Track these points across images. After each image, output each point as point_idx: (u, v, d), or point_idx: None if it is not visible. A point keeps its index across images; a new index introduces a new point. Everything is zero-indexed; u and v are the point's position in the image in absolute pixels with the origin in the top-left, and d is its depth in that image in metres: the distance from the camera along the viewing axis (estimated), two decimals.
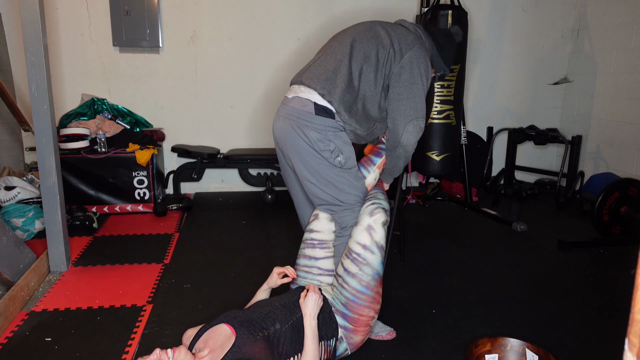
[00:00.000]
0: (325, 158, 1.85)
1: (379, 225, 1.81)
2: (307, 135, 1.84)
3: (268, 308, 1.75)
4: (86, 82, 4.10)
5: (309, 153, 1.86)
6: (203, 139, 4.39)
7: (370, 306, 1.81)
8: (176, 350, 1.48)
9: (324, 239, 1.98)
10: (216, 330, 1.63)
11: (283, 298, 1.85)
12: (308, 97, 1.85)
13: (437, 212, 3.95)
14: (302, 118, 1.84)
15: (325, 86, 1.83)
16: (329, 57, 1.90)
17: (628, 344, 0.59)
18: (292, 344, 1.66)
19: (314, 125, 1.83)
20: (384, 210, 1.86)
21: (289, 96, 1.93)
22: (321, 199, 1.93)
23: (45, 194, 2.60)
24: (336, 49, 1.91)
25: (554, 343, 2.06)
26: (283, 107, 1.94)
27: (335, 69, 1.85)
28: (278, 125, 1.94)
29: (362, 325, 1.83)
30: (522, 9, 4.61)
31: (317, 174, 1.88)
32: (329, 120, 1.84)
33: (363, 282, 1.78)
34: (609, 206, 3.18)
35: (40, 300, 2.37)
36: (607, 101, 4.33)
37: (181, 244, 3.15)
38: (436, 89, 3.35)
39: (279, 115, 1.95)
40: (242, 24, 4.21)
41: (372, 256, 1.78)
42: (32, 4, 2.39)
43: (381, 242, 1.81)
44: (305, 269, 2.00)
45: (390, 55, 1.87)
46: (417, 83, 1.86)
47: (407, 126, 1.84)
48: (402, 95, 1.86)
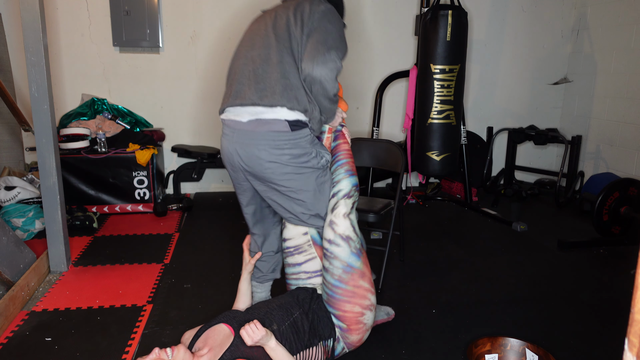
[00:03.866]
0: (312, 167, 1.81)
1: (340, 218, 1.81)
2: (290, 154, 1.75)
3: (265, 309, 1.76)
4: (86, 82, 4.10)
5: (295, 170, 1.78)
6: (203, 139, 4.39)
7: (351, 301, 1.78)
8: (175, 349, 1.48)
9: (298, 243, 1.98)
10: (215, 330, 1.64)
11: (281, 299, 1.86)
12: (275, 117, 1.73)
13: (437, 212, 3.95)
14: (278, 139, 1.73)
15: (288, 96, 1.72)
16: (263, 66, 1.78)
17: (628, 344, 0.59)
18: (289, 343, 1.66)
19: (294, 142, 1.75)
20: (345, 198, 1.84)
21: (243, 120, 1.76)
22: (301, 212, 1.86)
23: (46, 194, 2.60)
24: (258, 55, 1.80)
25: (554, 343, 2.06)
26: (239, 132, 1.77)
27: (280, 75, 1.74)
28: (241, 152, 1.78)
29: (353, 322, 1.81)
30: (522, 9, 4.61)
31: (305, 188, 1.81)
32: (304, 131, 1.77)
33: (335, 275, 1.79)
34: (609, 206, 3.18)
35: (40, 300, 2.37)
36: (607, 101, 4.33)
37: (181, 244, 3.15)
38: (436, 89, 3.36)
39: (235, 142, 1.79)
40: (242, 24, 4.19)
41: (337, 249, 1.78)
42: (32, 4, 2.39)
43: (345, 232, 1.80)
44: (294, 276, 2.01)
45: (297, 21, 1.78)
46: (329, 22, 1.77)
47: (315, 59, 1.70)
48: (311, 35, 1.75)
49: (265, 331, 1.51)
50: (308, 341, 1.72)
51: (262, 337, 1.50)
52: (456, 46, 3.32)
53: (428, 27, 3.34)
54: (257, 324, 1.50)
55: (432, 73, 3.35)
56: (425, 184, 4.48)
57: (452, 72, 3.33)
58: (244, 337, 1.49)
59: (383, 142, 2.79)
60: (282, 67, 1.75)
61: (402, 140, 4.09)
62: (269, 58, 1.77)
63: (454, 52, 3.32)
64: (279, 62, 1.75)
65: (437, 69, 3.33)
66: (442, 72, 3.32)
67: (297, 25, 1.78)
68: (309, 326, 1.75)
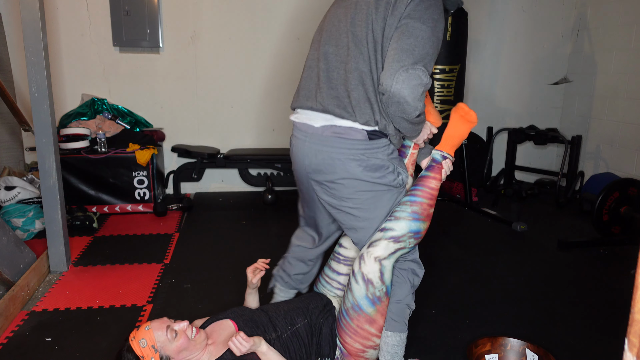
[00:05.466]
0: (384, 184, 1.61)
1: (371, 258, 1.59)
2: (366, 166, 1.58)
3: (273, 313, 1.75)
4: (86, 82, 4.10)
5: (363, 186, 1.60)
6: (203, 139, 4.39)
7: (352, 336, 1.66)
8: (198, 332, 1.54)
9: (350, 256, 1.90)
10: (221, 325, 1.65)
11: (291, 303, 1.84)
12: (351, 126, 1.56)
13: (437, 212, 3.93)
14: (355, 148, 1.56)
15: (361, 111, 1.53)
16: (337, 70, 1.59)
17: (628, 344, 0.59)
18: (288, 353, 1.65)
19: (372, 151, 1.58)
20: (391, 241, 1.59)
21: (315, 125, 1.61)
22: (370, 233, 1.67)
23: (46, 194, 2.60)
24: (332, 51, 1.60)
25: (554, 343, 2.06)
26: (313, 137, 1.62)
27: (353, 85, 1.54)
28: (312, 158, 1.62)
29: (352, 354, 1.70)
30: (522, 9, 4.61)
31: (374, 208, 1.63)
32: (382, 140, 1.59)
33: (345, 305, 1.66)
34: (609, 206, 3.18)
35: (40, 300, 2.37)
36: (607, 101, 4.33)
37: (181, 244, 3.15)
38: (436, 89, 3.36)
39: (308, 146, 1.63)
40: (242, 24, 4.21)
41: (355, 285, 1.61)
42: (32, 4, 2.38)
43: (369, 275, 1.58)
44: (327, 278, 1.95)
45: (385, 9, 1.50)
46: (420, 21, 1.45)
47: (397, 74, 1.42)
48: (396, 36, 1.46)
49: (252, 342, 1.49)
50: (306, 354, 1.71)
51: (250, 347, 1.49)
52: (456, 46, 3.33)
53: None
54: (242, 335, 1.48)
55: (432, 73, 3.35)
56: None
57: (452, 72, 3.34)
58: (232, 348, 1.48)
59: None
60: (358, 76, 1.53)
61: None
62: (344, 61, 1.56)
63: (454, 52, 3.32)
64: (354, 70, 1.53)
65: (437, 69, 3.33)
66: (442, 72, 3.33)
67: (379, 22, 1.49)
68: (309, 339, 1.73)
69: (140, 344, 1.45)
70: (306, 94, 1.66)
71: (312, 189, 1.73)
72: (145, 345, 1.44)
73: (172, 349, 1.47)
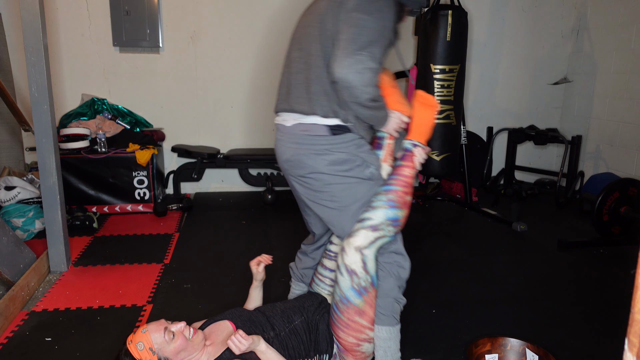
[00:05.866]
0: (354, 176, 1.67)
1: (351, 248, 1.62)
2: (331, 160, 1.65)
3: (270, 312, 1.76)
4: (86, 82, 4.10)
5: (333, 179, 1.67)
6: (203, 139, 4.39)
7: (344, 330, 1.67)
8: (195, 333, 1.54)
9: (338, 252, 1.90)
10: (220, 326, 1.66)
11: (286, 304, 1.85)
12: (315, 122, 1.65)
13: (437, 212, 3.95)
14: (319, 144, 1.65)
15: (320, 104, 1.63)
16: (298, 71, 1.70)
17: (628, 344, 0.59)
18: (287, 351, 1.66)
19: (336, 146, 1.65)
20: (369, 230, 1.63)
21: (287, 124, 1.72)
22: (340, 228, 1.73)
23: (46, 194, 2.60)
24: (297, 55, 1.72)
25: (554, 343, 2.06)
26: (287, 135, 1.72)
27: (311, 81, 1.64)
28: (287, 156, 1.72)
29: (348, 349, 1.71)
30: (522, 9, 4.61)
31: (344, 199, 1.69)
32: (347, 135, 1.66)
33: (334, 299, 1.69)
34: (609, 206, 3.18)
35: (40, 300, 2.37)
36: (607, 101, 4.33)
37: (181, 244, 3.15)
38: (436, 89, 3.36)
39: (284, 144, 1.73)
40: (242, 24, 4.21)
41: (340, 277, 1.64)
42: (32, 4, 2.39)
43: (352, 266, 1.61)
44: (320, 276, 1.97)
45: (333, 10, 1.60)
46: (364, 12, 1.55)
47: (342, 61, 1.51)
48: (342, 28, 1.56)
49: (251, 339, 1.50)
50: (304, 351, 1.71)
51: (249, 345, 1.49)
52: (456, 46, 3.33)
53: (428, 27, 3.34)
54: (241, 333, 1.48)
55: (432, 73, 3.35)
56: (425, 184, 4.48)
57: (452, 72, 3.34)
58: (231, 347, 1.48)
59: None
60: (314, 72, 1.64)
61: None
62: (305, 62, 1.67)
63: (454, 52, 3.32)
64: (313, 67, 1.64)
65: (437, 69, 3.33)
66: (442, 72, 3.33)
67: (330, 20, 1.60)
68: (307, 336, 1.73)
69: (138, 347, 1.45)
70: (281, 98, 1.77)
71: (292, 184, 1.83)
72: (142, 348, 1.44)
73: (170, 350, 1.47)
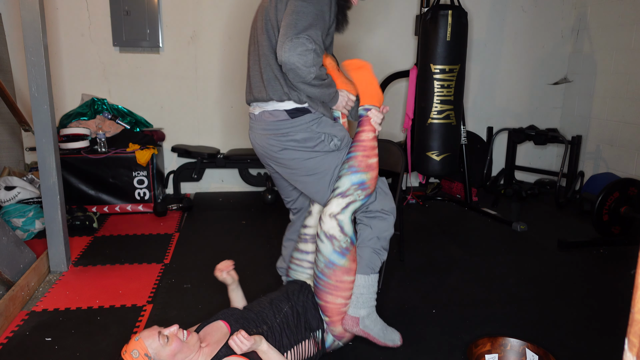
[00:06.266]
0: (320, 150, 1.83)
1: (326, 216, 1.78)
2: (295, 140, 1.82)
3: (258, 308, 1.79)
4: (86, 82, 4.10)
5: (303, 155, 1.84)
6: (203, 139, 4.39)
7: (333, 293, 1.82)
8: (190, 334, 1.55)
9: (315, 233, 2.01)
10: (214, 327, 1.68)
11: (271, 295, 1.90)
12: (275, 108, 1.82)
13: (437, 212, 3.95)
14: (282, 128, 1.82)
15: (273, 89, 1.79)
16: (253, 63, 1.89)
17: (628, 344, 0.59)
18: (282, 339, 1.70)
19: (297, 128, 1.81)
20: (339, 197, 1.78)
21: (256, 113, 1.90)
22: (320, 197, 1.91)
23: (46, 194, 2.60)
24: (252, 49, 1.91)
25: (554, 343, 2.06)
26: (256, 122, 1.90)
27: (263, 69, 1.81)
28: (259, 141, 1.91)
29: (335, 314, 1.84)
30: (522, 9, 4.61)
31: (318, 171, 1.86)
32: (306, 117, 1.81)
33: (318, 267, 1.82)
34: (609, 206, 3.18)
35: (40, 300, 2.37)
36: (607, 101, 4.33)
37: (181, 244, 3.15)
38: (436, 89, 3.35)
39: (255, 132, 1.92)
40: (242, 24, 4.21)
41: (321, 244, 1.80)
42: (32, 4, 2.39)
43: (330, 231, 1.77)
44: (297, 262, 2.05)
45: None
46: (303, 0, 1.69)
47: (284, 45, 1.65)
48: (283, 17, 1.71)
49: (253, 340, 1.51)
50: (298, 334, 1.76)
51: (251, 345, 1.51)
52: (456, 46, 3.32)
53: (428, 27, 3.34)
54: (243, 333, 1.50)
55: (432, 73, 3.35)
56: (425, 184, 4.48)
57: (452, 72, 3.33)
58: (233, 347, 1.49)
59: (383, 142, 2.79)
60: (264, 61, 1.81)
61: (402, 140, 4.08)
62: (257, 54, 1.85)
63: (454, 52, 3.32)
64: (262, 56, 1.81)
65: (437, 69, 3.33)
66: (442, 72, 3.32)
67: (272, 11, 1.78)
68: (298, 319, 1.79)
69: (133, 355, 1.44)
70: (247, 90, 1.95)
71: (270, 169, 2.02)
72: (138, 356, 1.44)
73: (166, 354, 1.47)
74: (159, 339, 1.47)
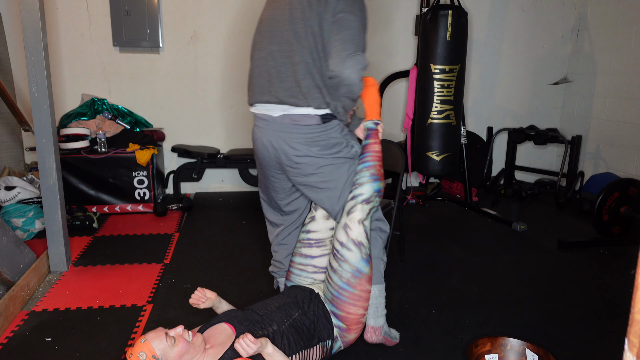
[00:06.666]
0: (341, 157, 1.83)
1: (355, 223, 1.78)
2: (320, 145, 1.80)
3: (264, 311, 1.77)
4: (86, 82, 4.10)
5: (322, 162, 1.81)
6: (203, 139, 4.39)
7: (357, 304, 1.80)
8: (195, 335, 1.54)
9: (321, 237, 2.00)
10: (217, 329, 1.66)
11: (278, 300, 1.86)
12: (306, 113, 1.77)
13: (437, 212, 3.95)
14: (311, 132, 1.78)
15: (313, 97, 1.75)
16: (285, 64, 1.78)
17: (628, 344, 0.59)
18: (289, 344, 1.68)
19: (326, 133, 1.80)
20: (364, 204, 1.80)
21: (274, 115, 1.81)
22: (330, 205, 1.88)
23: (46, 194, 2.60)
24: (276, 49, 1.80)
25: (554, 343, 2.06)
26: (273, 125, 1.82)
27: (302, 76, 1.75)
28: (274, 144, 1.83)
29: (354, 323, 1.84)
30: (522, 9, 4.61)
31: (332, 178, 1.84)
32: (334, 121, 1.82)
33: (343, 278, 1.78)
34: (609, 206, 3.18)
35: (40, 300, 2.37)
36: (607, 101, 4.33)
37: (181, 244, 3.15)
38: (436, 89, 3.36)
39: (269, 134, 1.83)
40: (242, 24, 4.21)
41: (349, 253, 1.78)
42: (32, 4, 2.38)
43: (358, 238, 1.78)
44: (300, 267, 2.02)
45: (319, 9, 1.73)
46: (352, 14, 1.73)
47: (345, 61, 1.68)
48: (336, 29, 1.72)
49: (259, 343, 1.50)
50: (307, 342, 1.73)
51: (257, 349, 1.49)
52: (456, 46, 3.33)
53: (428, 27, 3.34)
54: (249, 337, 1.48)
55: (432, 73, 3.35)
56: (425, 184, 4.48)
57: (452, 72, 3.33)
58: (239, 350, 1.48)
59: (383, 142, 2.79)
60: (303, 67, 1.74)
61: (402, 140, 4.09)
62: (289, 56, 1.76)
63: (454, 52, 3.32)
64: (300, 62, 1.74)
65: (437, 69, 3.33)
66: (442, 72, 3.32)
67: (314, 18, 1.72)
68: (308, 327, 1.76)
69: (140, 357, 1.42)
70: (260, 90, 1.85)
71: (274, 172, 1.95)
72: (145, 358, 1.43)
73: (173, 355, 1.46)
74: (166, 340, 1.46)
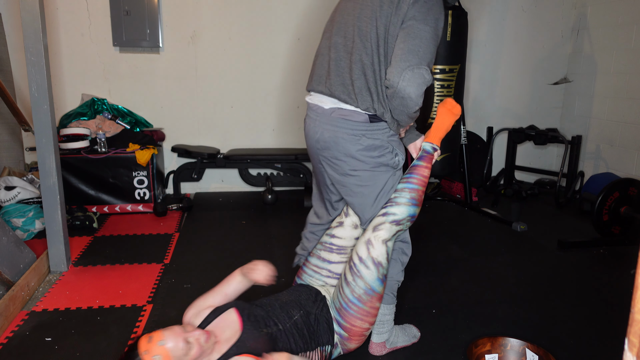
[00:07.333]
0: (382, 163, 1.76)
1: (379, 242, 1.73)
2: (364, 145, 1.74)
3: (268, 308, 1.76)
4: (86, 82, 4.10)
5: (362, 166, 1.76)
6: (203, 139, 4.39)
7: (364, 319, 1.77)
8: (209, 336, 1.52)
9: (344, 245, 1.96)
10: (226, 320, 1.64)
11: (282, 296, 1.86)
12: (355, 109, 1.72)
13: (437, 212, 3.95)
14: (357, 129, 1.73)
15: (363, 99, 1.69)
16: (344, 60, 1.73)
17: (628, 344, 0.59)
18: (290, 345, 1.67)
19: (372, 133, 1.73)
20: (393, 224, 1.75)
21: (325, 107, 1.77)
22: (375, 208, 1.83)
23: (45, 194, 2.60)
24: (341, 42, 1.75)
25: (554, 343, 2.06)
26: (323, 117, 1.78)
27: (357, 75, 1.69)
28: (326, 136, 1.77)
29: (357, 335, 1.81)
30: (522, 9, 4.61)
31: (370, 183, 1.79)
32: (382, 124, 1.75)
33: (355, 293, 1.74)
34: (609, 206, 3.18)
35: (40, 300, 2.37)
36: (607, 101, 4.33)
37: (181, 244, 3.15)
38: (436, 89, 3.36)
39: (319, 125, 1.79)
40: (242, 24, 4.21)
41: (366, 270, 1.72)
42: (32, 4, 2.38)
43: (379, 258, 1.72)
44: (315, 268, 1.99)
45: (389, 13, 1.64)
46: (424, 22, 1.60)
47: (404, 72, 1.57)
48: (402, 36, 1.61)
49: None
50: (305, 344, 1.73)
51: None
52: (456, 46, 3.33)
53: None
54: None
55: (432, 73, 3.35)
56: None
57: (452, 72, 3.34)
58: None
59: None
60: (361, 67, 1.69)
61: None
62: (349, 52, 1.71)
63: (454, 52, 3.32)
64: (358, 61, 1.69)
65: (437, 69, 3.33)
66: (442, 72, 3.33)
67: (382, 20, 1.64)
68: (308, 330, 1.75)
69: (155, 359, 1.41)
70: (318, 79, 1.82)
71: (318, 164, 1.89)
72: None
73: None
74: (183, 346, 1.43)
